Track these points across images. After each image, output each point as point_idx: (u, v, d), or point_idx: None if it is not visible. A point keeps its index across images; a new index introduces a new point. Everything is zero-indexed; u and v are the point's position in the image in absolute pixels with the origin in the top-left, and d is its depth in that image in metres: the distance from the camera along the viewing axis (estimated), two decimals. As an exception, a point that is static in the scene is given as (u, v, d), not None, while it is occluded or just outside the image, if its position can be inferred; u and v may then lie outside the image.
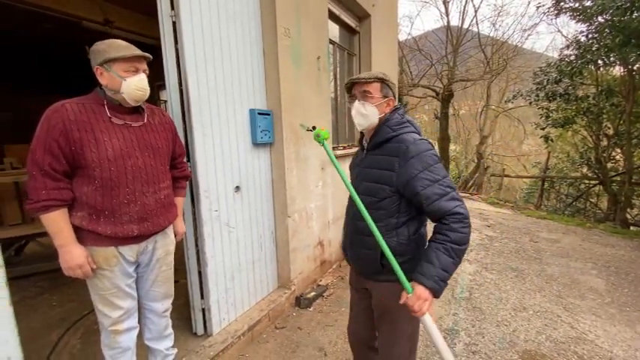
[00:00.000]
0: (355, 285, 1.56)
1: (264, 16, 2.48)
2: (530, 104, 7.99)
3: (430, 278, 1.14)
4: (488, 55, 11.17)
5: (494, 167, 13.54)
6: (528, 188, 11.36)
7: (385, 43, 4.69)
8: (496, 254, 4.04)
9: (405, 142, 1.24)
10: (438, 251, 1.15)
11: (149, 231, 1.51)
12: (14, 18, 3.74)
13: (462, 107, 16.25)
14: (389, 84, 1.33)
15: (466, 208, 1.20)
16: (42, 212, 1.30)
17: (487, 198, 8.11)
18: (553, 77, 7.01)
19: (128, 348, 1.56)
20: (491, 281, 3.28)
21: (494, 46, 11.27)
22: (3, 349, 1.20)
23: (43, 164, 1.28)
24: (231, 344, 2.13)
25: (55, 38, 4.79)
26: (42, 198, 1.28)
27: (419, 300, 1.14)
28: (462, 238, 1.15)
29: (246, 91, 2.38)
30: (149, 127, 1.55)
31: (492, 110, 13.38)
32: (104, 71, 1.38)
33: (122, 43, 1.42)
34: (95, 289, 1.46)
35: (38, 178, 1.28)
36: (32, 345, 2.16)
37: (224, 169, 2.21)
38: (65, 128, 1.30)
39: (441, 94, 10.94)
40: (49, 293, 2.90)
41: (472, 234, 4.65)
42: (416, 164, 1.19)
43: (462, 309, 2.76)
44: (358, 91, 1.33)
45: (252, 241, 2.49)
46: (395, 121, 1.30)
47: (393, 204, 1.26)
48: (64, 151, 1.30)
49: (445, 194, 1.17)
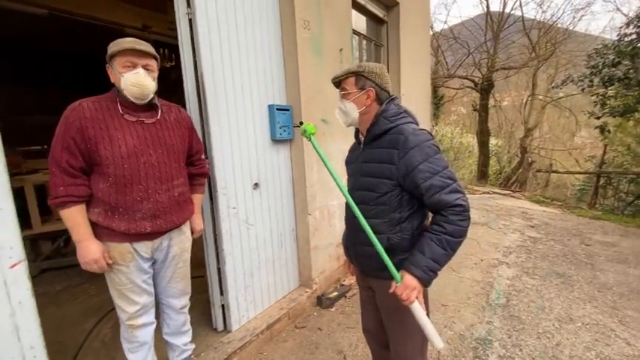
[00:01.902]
0: (362, 283, 1.52)
1: (282, 8, 2.43)
2: (583, 91, 7.21)
3: (419, 267, 1.14)
4: (533, 40, 10.26)
5: (541, 162, 12.50)
6: (581, 185, 10.31)
7: (416, 32, 4.45)
8: (539, 258, 3.68)
9: (404, 132, 1.19)
10: (430, 242, 1.14)
11: (162, 228, 1.52)
12: (69, 30, 4.06)
13: (505, 98, 15.17)
14: (365, 75, 1.27)
15: (467, 200, 1.16)
16: (60, 207, 1.35)
17: (531, 196, 7.50)
18: (610, 60, 6.25)
19: (145, 342, 1.59)
20: (532, 287, 2.99)
21: (540, 29, 10.33)
22: (26, 337, 1.26)
23: (61, 161, 1.32)
24: (250, 342, 2.12)
25: (102, 46, 5.17)
26: (60, 194, 1.33)
27: (406, 289, 1.14)
28: (459, 231, 1.13)
29: (265, 86, 2.34)
30: (164, 124, 1.55)
31: (539, 100, 12.32)
32: (110, 68, 1.41)
33: (127, 39, 1.41)
34: (112, 284, 1.50)
35: (57, 174, 1.33)
36: (70, 331, 2.32)
37: (242, 165, 2.20)
38: (81, 126, 1.33)
39: (480, 84, 10.27)
40: (90, 283, 3.11)
41: (512, 235, 4.31)
42: (416, 155, 1.15)
43: (497, 317, 2.53)
44: (340, 88, 1.34)
45: (271, 239, 2.46)
46: (392, 111, 1.26)
47: (395, 198, 1.22)
48: (81, 148, 1.34)
49: (446, 186, 1.13)
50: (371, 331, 1.57)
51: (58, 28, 4.00)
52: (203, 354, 1.98)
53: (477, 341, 2.24)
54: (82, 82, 6.38)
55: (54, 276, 3.27)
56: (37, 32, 4.19)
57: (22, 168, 3.62)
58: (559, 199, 7.54)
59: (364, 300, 1.56)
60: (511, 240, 4.27)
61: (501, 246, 4.05)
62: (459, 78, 10.91)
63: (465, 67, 10.80)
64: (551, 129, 15.42)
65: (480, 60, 10.56)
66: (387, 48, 4.11)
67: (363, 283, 1.50)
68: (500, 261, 3.59)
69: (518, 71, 11.22)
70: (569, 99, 11.60)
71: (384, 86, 1.29)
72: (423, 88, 4.96)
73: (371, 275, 1.36)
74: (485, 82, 10.19)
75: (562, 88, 8.88)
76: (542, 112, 12.92)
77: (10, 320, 1.22)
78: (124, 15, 4.22)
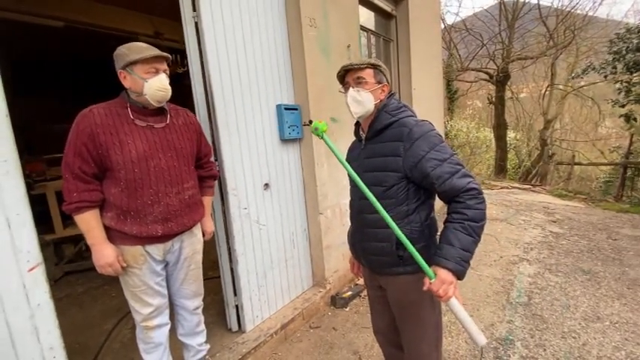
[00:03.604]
0: (370, 283, 1.48)
1: (288, 7, 2.42)
2: (606, 78, 6.88)
3: (452, 259, 1.10)
4: (551, 28, 9.87)
5: (562, 154, 12.02)
6: (606, 177, 9.84)
7: (426, 25, 4.36)
8: (563, 254, 3.53)
9: (408, 125, 1.20)
10: (456, 231, 1.11)
11: (173, 231, 1.54)
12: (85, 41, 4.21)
13: (522, 90, 14.68)
14: (382, 70, 1.30)
15: (478, 183, 1.15)
16: (75, 213, 1.38)
17: (553, 189, 7.22)
18: (634, 44, 5.93)
19: (160, 343, 1.62)
20: (555, 285, 2.87)
21: (558, 16, 9.92)
22: (46, 338, 1.30)
23: (74, 167, 1.35)
24: (264, 342, 2.12)
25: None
26: (74, 200, 1.36)
27: (443, 284, 1.10)
28: (479, 214, 1.11)
29: (272, 86, 2.34)
30: (172, 128, 1.56)
31: (559, 90, 11.85)
32: (127, 74, 1.42)
33: (142, 45, 1.44)
34: (126, 286, 1.53)
35: (70, 180, 1.36)
36: (90, 332, 2.39)
37: (252, 166, 2.20)
38: (92, 132, 1.35)
39: (495, 76, 9.98)
40: (110, 285, 3.19)
41: (533, 230, 4.15)
42: (422, 145, 1.15)
43: (518, 316, 2.44)
44: (352, 78, 1.29)
45: (283, 239, 2.46)
46: (393, 106, 1.27)
47: (402, 191, 1.21)
48: (92, 154, 1.36)
49: (456, 172, 1.13)
50: (383, 332, 1.54)
51: (74, 39, 4.14)
52: (218, 354, 2.00)
53: (498, 341, 2.16)
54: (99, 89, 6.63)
55: (76, 278, 3.38)
56: (55, 44, 4.35)
57: (46, 175, 3.77)
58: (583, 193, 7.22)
59: (374, 300, 1.52)
60: (532, 236, 4.12)
61: (522, 242, 3.91)
62: (472, 71, 10.63)
63: (479, 59, 10.51)
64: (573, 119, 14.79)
65: (495, 51, 10.24)
66: (397, 43, 4.04)
67: (371, 282, 1.47)
68: (520, 258, 3.47)
69: (535, 61, 10.83)
70: (592, 87, 11.09)
71: (390, 84, 1.33)
72: (435, 83, 4.85)
73: (382, 272, 1.33)
74: (500, 74, 9.88)
75: (583, 77, 8.50)
76: (563, 102, 12.40)
77: (29, 322, 1.25)
78: (137, 23, 4.35)
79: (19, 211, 1.22)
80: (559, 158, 11.03)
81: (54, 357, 1.32)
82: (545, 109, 11.82)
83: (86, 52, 4.79)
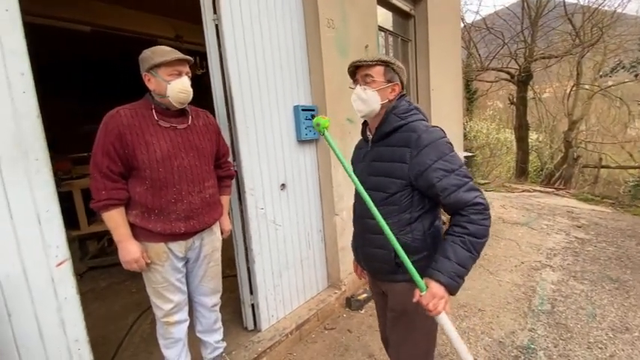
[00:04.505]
0: (375, 289, 1.46)
1: (306, 9, 2.43)
2: (637, 77, 6.56)
3: (446, 273, 1.06)
4: (577, 25, 9.48)
5: (588, 157, 11.52)
6: (636, 181, 9.37)
7: (445, 25, 4.28)
8: (589, 261, 3.38)
9: (417, 130, 1.14)
10: (454, 244, 1.07)
11: (195, 228, 1.57)
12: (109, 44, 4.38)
13: (545, 90, 14.17)
14: (394, 68, 1.22)
15: (486, 198, 1.10)
16: (102, 210, 1.43)
17: (577, 193, 6.93)
18: (669, 42, 5.63)
19: (179, 339, 1.65)
20: (581, 293, 2.75)
21: (585, 13, 9.52)
22: (72, 331, 1.35)
23: (102, 166, 1.40)
24: (279, 342, 2.13)
25: (137, 57, 5.53)
26: (102, 198, 1.41)
27: (434, 298, 1.06)
28: (482, 231, 1.07)
29: (290, 87, 2.35)
30: (194, 129, 1.60)
31: (585, 90, 11.36)
32: (151, 77, 1.46)
33: (165, 48, 1.48)
34: (149, 282, 1.57)
35: (98, 179, 1.41)
36: (112, 326, 2.46)
37: (269, 167, 2.22)
38: (120, 132, 1.40)
39: (517, 75, 9.68)
40: (131, 280, 3.29)
41: (557, 235, 4.00)
42: (430, 154, 1.10)
43: (541, 324, 2.35)
44: (361, 75, 1.24)
45: (299, 239, 2.46)
46: (403, 108, 1.20)
47: (406, 198, 1.17)
48: (120, 154, 1.41)
49: (463, 184, 1.08)
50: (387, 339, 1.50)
51: (99, 42, 4.30)
52: (234, 352, 2.02)
53: (519, 349, 2.09)
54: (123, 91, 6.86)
55: (99, 274, 3.50)
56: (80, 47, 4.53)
57: (71, 173, 3.93)
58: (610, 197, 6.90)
59: (380, 307, 1.48)
60: (555, 241, 3.96)
61: (544, 248, 3.77)
62: (493, 70, 10.35)
63: (500, 58, 10.22)
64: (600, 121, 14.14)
65: (517, 50, 9.94)
66: (415, 43, 3.99)
67: (375, 288, 1.44)
68: (543, 264, 3.35)
69: (560, 60, 10.41)
70: (620, 87, 10.58)
71: (404, 85, 1.26)
72: (454, 84, 4.75)
73: (382, 279, 1.30)
74: (522, 74, 9.58)
75: (611, 76, 8.15)
76: (589, 102, 11.87)
77: (57, 315, 1.31)
78: (158, 26, 4.48)
79: (48, 208, 1.28)
80: (585, 161, 10.59)
81: (79, 349, 1.37)
82: (570, 110, 11.36)
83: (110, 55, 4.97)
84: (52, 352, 1.30)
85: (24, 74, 1.22)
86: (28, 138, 1.23)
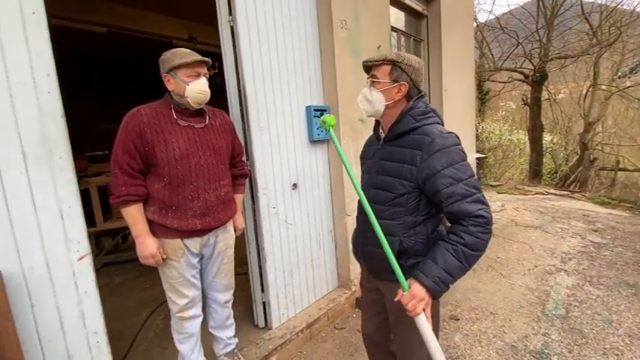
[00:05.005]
0: (367, 285, 1.45)
1: (319, 10, 2.44)
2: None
3: (430, 277, 1.05)
4: (594, 25, 9.25)
5: (605, 159, 11.22)
6: (655, 184, 9.11)
7: (459, 25, 4.23)
8: (605, 265, 3.30)
9: (431, 134, 1.12)
10: (445, 251, 1.06)
11: (210, 225, 1.60)
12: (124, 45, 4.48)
13: (560, 90, 13.86)
14: (402, 67, 1.17)
15: (490, 213, 1.07)
16: (122, 206, 1.47)
17: (594, 197, 6.76)
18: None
19: (193, 334, 1.69)
20: (597, 298, 2.69)
21: (602, 12, 9.28)
22: (91, 324, 1.39)
23: (123, 163, 1.44)
24: (290, 340, 2.15)
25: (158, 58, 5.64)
26: (122, 193, 1.45)
27: (413, 299, 1.06)
28: (478, 244, 1.04)
29: (302, 87, 2.37)
30: (210, 129, 1.63)
31: (602, 91, 11.07)
32: (171, 78, 1.50)
33: (185, 50, 1.52)
34: (165, 278, 1.61)
35: (119, 175, 1.45)
36: (127, 321, 2.52)
37: (281, 166, 2.24)
38: (140, 130, 1.44)
39: (531, 76, 9.50)
40: (145, 277, 3.36)
41: (572, 239, 3.92)
42: (440, 159, 1.08)
43: (555, 329, 2.31)
44: (370, 74, 1.24)
45: (310, 239, 2.48)
46: (419, 110, 1.18)
47: (413, 201, 1.16)
48: (140, 151, 1.45)
49: (469, 195, 1.05)
50: (370, 335, 1.51)
51: (114, 44, 4.40)
52: (245, 349, 2.05)
53: (532, 354, 2.06)
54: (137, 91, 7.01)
55: (114, 269, 3.59)
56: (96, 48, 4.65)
57: (88, 171, 4.03)
58: (628, 201, 6.70)
59: (367, 303, 1.49)
60: (570, 245, 3.88)
61: (558, 251, 3.70)
62: (506, 71, 10.17)
63: (514, 58, 10.04)
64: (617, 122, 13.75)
65: (531, 50, 9.74)
66: (427, 43, 3.96)
67: (368, 284, 1.44)
68: (557, 268, 3.28)
69: (576, 60, 10.18)
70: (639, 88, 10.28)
71: (417, 83, 1.21)
72: (467, 84, 4.70)
73: (381, 278, 1.30)
74: (537, 74, 9.39)
75: (630, 77, 7.91)
76: (606, 103, 11.55)
77: (77, 307, 1.35)
78: (173, 28, 4.56)
79: (70, 204, 1.32)
80: (601, 163, 10.31)
81: (97, 341, 1.41)
82: (586, 111, 11.09)
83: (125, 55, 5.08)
84: (72, 344, 1.34)
85: (49, 75, 1.26)
86: (53, 137, 1.27)
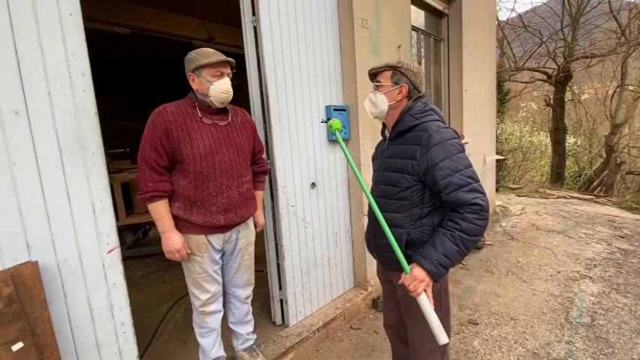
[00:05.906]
0: (383, 277, 1.52)
1: (341, 10, 2.44)
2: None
3: (429, 260, 1.14)
4: (622, 23, 8.88)
5: (633, 163, 10.75)
6: (687, 190, 8.66)
7: (480, 24, 4.15)
8: (632, 273, 3.17)
9: (428, 130, 1.21)
10: (443, 237, 1.14)
11: (233, 221, 1.64)
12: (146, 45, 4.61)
13: (585, 91, 13.36)
14: (402, 71, 1.30)
15: (487, 201, 1.14)
16: (149, 202, 1.52)
17: (620, 202, 6.49)
18: None
19: (214, 329, 1.72)
20: (624, 306, 2.59)
21: (632, 10, 8.89)
22: (119, 315, 1.44)
23: (150, 160, 1.49)
24: (307, 338, 2.16)
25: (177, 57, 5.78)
26: (149, 189, 1.50)
27: (414, 280, 1.15)
28: (474, 230, 1.12)
29: (322, 87, 2.38)
30: (233, 126, 1.67)
31: (629, 92, 10.61)
32: (195, 77, 1.53)
33: (209, 50, 1.55)
34: (188, 273, 1.65)
35: (146, 171, 1.50)
36: (147, 314, 2.59)
37: (300, 165, 2.25)
38: (167, 128, 1.48)
39: (555, 76, 9.19)
40: (164, 271, 3.45)
41: (597, 245, 3.79)
42: (438, 152, 1.16)
43: (579, 337, 2.23)
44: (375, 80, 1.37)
45: (327, 238, 2.49)
46: (418, 109, 1.28)
47: (417, 194, 1.24)
48: (166, 148, 1.49)
49: (465, 185, 1.13)
50: (392, 326, 1.56)
51: (137, 44, 4.53)
52: (263, 345, 2.07)
53: (555, 362, 2.00)
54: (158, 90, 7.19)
55: (135, 263, 3.70)
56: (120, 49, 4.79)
57: (110, 168, 4.17)
58: (657, 207, 6.41)
59: (386, 294, 1.57)
60: (595, 251, 3.74)
61: (583, 257, 3.57)
62: (528, 70, 9.88)
63: (536, 57, 9.75)
64: (646, 125, 13.16)
65: (555, 49, 9.43)
66: (448, 42, 3.90)
67: (384, 276, 1.52)
68: (581, 274, 3.17)
69: (603, 59, 9.79)
70: (671, 89, 9.80)
71: (417, 85, 1.31)
72: (488, 84, 4.60)
73: (391, 268, 1.35)
74: (561, 74, 9.07)
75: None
76: (634, 105, 11.06)
77: (106, 299, 1.40)
78: (192, 28, 4.64)
79: (102, 199, 1.37)
80: (629, 167, 9.88)
81: (124, 332, 1.46)
82: (612, 113, 10.65)
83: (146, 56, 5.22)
84: (101, 333, 1.39)
85: (84, 74, 1.32)
86: (87, 133, 1.32)
